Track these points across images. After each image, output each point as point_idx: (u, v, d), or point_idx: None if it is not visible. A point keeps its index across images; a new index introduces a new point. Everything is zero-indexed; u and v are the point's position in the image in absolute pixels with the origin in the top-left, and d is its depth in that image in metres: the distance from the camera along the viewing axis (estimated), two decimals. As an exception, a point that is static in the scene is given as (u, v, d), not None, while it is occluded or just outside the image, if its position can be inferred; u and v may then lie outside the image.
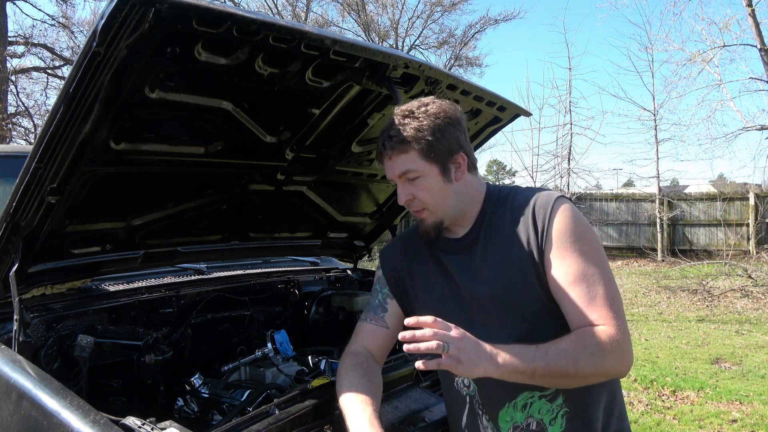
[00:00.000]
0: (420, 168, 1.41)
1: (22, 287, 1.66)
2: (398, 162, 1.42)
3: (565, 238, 1.37)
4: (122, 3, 1.11)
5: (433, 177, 1.43)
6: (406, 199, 1.45)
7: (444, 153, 1.42)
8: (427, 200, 1.44)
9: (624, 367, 1.33)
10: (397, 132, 1.41)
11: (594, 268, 1.35)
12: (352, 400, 1.37)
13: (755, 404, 4.64)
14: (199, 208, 2.00)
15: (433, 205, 1.45)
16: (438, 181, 1.43)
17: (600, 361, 1.28)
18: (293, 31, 1.37)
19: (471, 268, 1.46)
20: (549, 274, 1.37)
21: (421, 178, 1.42)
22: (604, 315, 1.32)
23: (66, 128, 1.34)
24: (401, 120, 1.41)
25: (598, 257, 1.38)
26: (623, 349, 1.31)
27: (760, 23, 12.35)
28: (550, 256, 1.37)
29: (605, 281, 1.35)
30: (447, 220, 1.48)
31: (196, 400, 1.90)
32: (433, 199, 1.44)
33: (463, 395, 1.50)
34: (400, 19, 23.15)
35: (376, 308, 1.62)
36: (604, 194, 19.28)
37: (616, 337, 1.29)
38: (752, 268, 11.00)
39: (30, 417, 1.28)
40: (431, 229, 1.48)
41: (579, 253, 1.35)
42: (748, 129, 13.47)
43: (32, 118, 17.01)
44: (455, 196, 1.46)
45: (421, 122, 1.40)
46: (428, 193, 1.43)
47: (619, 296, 1.38)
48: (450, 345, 1.17)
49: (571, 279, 1.34)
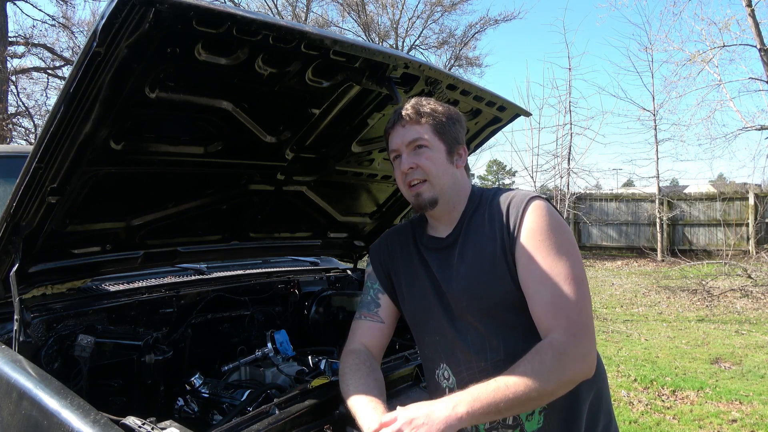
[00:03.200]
0: (431, 140, 1.49)
1: (22, 287, 1.66)
2: (411, 130, 1.49)
3: (534, 236, 1.38)
4: (122, 3, 1.11)
5: (440, 152, 1.50)
6: (408, 167, 1.49)
7: (452, 138, 1.52)
8: (430, 169, 1.48)
9: (587, 369, 1.33)
10: (415, 107, 1.50)
11: (561, 267, 1.35)
12: (362, 401, 1.38)
13: (755, 404, 4.64)
14: (199, 208, 2.00)
15: (434, 176, 1.48)
16: (443, 156, 1.50)
17: (560, 374, 1.28)
18: (293, 31, 1.37)
19: (450, 266, 1.49)
20: (519, 270, 1.39)
21: (429, 149, 1.49)
22: (563, 319, 1.32)
23: (66, 128, 1.34)
24: (418, 101, 1.52)
25: (568, 255, 1.37)
26: (582, 353, 1.31)
27: (760, 23, 12.36)
28: (519, 252, 1.39)
29: (571, 280, 1.34)
30: (442, 200, 1.50)
31: (196, 400, 1.90)
32: (436, 169, 1.48)
33: (443, 387, 1.52)
34: (400, 19, 23.20)
35: (369, 304, 1.64)
36: (604, 194, 19.30)
37: (571, 344, 1.29)
38: (752, 268, 11.01)
39: (30, 417, 1.28)
40: (427, 204, 1.50)
41: (548, 250, 1.36)
42: (748, 129, 13.48)
43: (32, 118, 17.05)
44: (453, 179, 1.52)
45: (435, 107, 1.51)
46: (432, 163, 1.48)
47: (586, 296, 1.37)
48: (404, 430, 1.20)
49: (536, 277, 1.36)
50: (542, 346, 1.31)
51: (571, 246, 1.40)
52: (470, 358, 1.44)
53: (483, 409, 1.23)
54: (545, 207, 1.42)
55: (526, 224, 1.40)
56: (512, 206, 1.44)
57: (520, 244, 1.39)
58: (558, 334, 1.31)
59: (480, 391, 1.25)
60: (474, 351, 1.43)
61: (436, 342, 1.52)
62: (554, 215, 1.42)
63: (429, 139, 1.48)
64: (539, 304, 1.35)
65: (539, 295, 1.35)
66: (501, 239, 1.42)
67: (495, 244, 1.42)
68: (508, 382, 1.25)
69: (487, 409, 1.23)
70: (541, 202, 1.43)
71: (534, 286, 1.36)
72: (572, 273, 1.35)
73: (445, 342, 1.49)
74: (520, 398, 1.24)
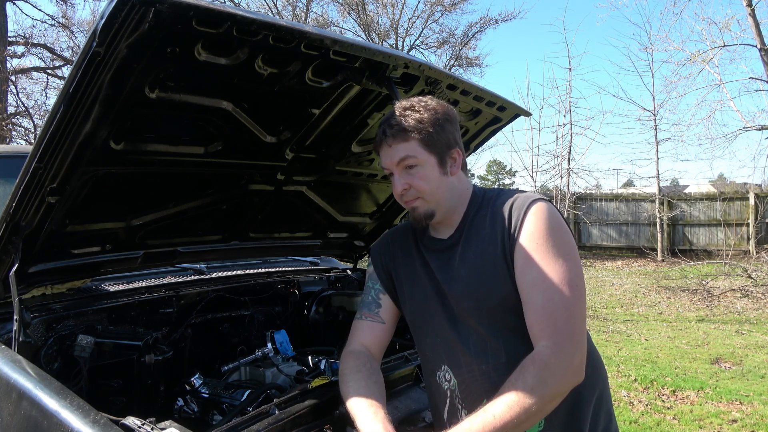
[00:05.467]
0: (419, 156, 1.44)
1: (22, 287, 1.66)
2: (398, 149, 1.44)
3: (532, 238, 1.37)
4: (122, 3, 1.11)
5: (431, 167, 1.45)
6: (402, 188, 1.46)
7: (442, 145, 1.46)
8: (424, 189, 1.45)
9: (571, 379, 1.31)
10: (399, 122, 1.44)
11: (557, 271, 1.34)
12: (362, 404, 1.37)
13: (755, 404, 4.64)
14: (199, 208, 2.00)
15: (429, 195, 1.46)
16: (435, 171, 1.46)
17: (542, 390, 1.26)
18: (293, 31, 1.37)
19: (451, 267, 1.48)
20: (516, 272, 1.38)
21: (419, 167, 1.44)
22: (550, 326, 1.31)
23: (66, 128, 1.34)
24: (402, 112, 1.45)
25: (565, 258, 1.36)
26: (564, 365, 1.29)
27: (760, 23, 12.35)
28: (518, 254, 1.38)
29: (565, 284, 1.33)
30: (439, 212, 1.49)
31: (196, 400, 1.89)
32: (429, 188, 1.46)
33: (444, 389, 1.51)
34: (400, 19, 23.20)
35: (370, 304, 1.64)
36: (604, 194, 19.29)
37: (552, 357, 1.28)
38: (752, 268, 11.00)
39: (30, 417, 1.28)
40: (423, 218, 1.49)
41: (545, 253, 1.35)
42: (748, 129, 13.47)
43: (32, 118, 17.03)
44: (449, 189, 1.49)
45: (421, 115, 1.44)
46: (425, 182, 1.45)
47: (579, 300, 1.35)
48: None
49: (530, 282, 1.35)
50: (525, 362, 1.30)
51: (570, 249, 1.39)
52: (471, 361, 1.43)
53: None
54: (546, 209, 1.41)
55: (526, 226, 1.39)
56: (514, 208, 1.43)
57: (519, 246, 1.38)
58: (541, 346, 1.30)
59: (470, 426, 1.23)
60: (474, 354, 1.42)
61: (437, 343, 1.51)
62: (555, 218, 1.41)
63: (418, 156, 1.43)
64: (531, 310, 1.35)
65: (531, 299, 1.35)
66: (502, 241, 1.41)
67: (496, 245, 1.42)
68: (495, 411, 1.24)
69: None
70: (543, 205, 1.42)
71: (528, 289, 1.35)
72: (567, 277, 1.34)
73: (446, 344, 1.48)
74: (511, 423, 1.23)
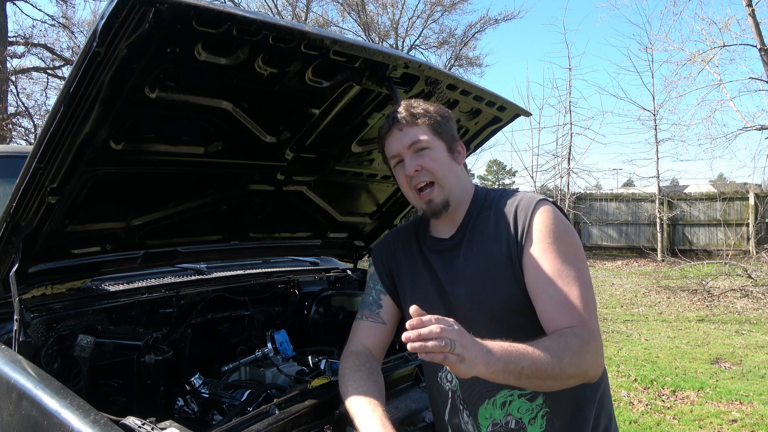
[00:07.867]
0: (430, 140, 1.47)
1: (22, 287, 1.66)
2: (409, 133, 1.47)
3: (543, 238, 1.38)
4: (122, 3, 1.11)
5: (441, 151, 1.49)
6: (414, 170, 1.46)
7: (449, 135, 1.51)
8: (436, 170, 1.46)
9: (598, 369, 1.33)
10: (407, 110, 1.48)
11: (570, 270, 1.35)
12: (361, 403, 1.37)
13: (755, 404, 4.64)
14: (199, 208, 2.00)
15: (441, 177, 1.47)
16: (445, 155, 1.49)
17: (581, 360, 1.27)
18: (293, 31, 1.37)
19: (454, 268, 1.48)
20: (526, 273, 1.38)
21: (430, 149, 1.47)
22: (579, 317, 1.32)
23: (66, 128, 1.34)
24: (409, 103, 1.50)
25: (576, 259, 1.38)
26: (598, 351, 1.32)
27: (760, 23, 12.36)
28: (527, 255, 1.38)
29: (581, 283, 1.35)
30: (452, 199, 1.49)
31: (196, 400, 1.89)
32: (441, 169, 1.47)
33: (446, 390, 1.51)
34: (400, 19, 23.20)
35: (371, 305, 1.64)
36: (604, 194, 19.30)
37: (592, 339, 1.30)
38: (752, 268, 11.00)
39: (30, 417, 1.28)
40: (441, 208, 1.48)
41: (556, 253, 1.36)
42: (748, 129, 13.47)
43: (32, 118, 17.02)
44: (458, 176, 1.51)
45: (427, 107, 1.50)
46: (437, 163, 1.47)
47: (594, 300, 1.38)
48: (455, 343, 1.11)
49: (546, 278, 1.35)
50: (565, 331, 1.29)
51: (579, 251, 1.41)
52: None
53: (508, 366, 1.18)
54: (553, 211, 1.42)
55: (535, 228, 1.39)
56: (520, 210, 1.43)
57: (528, 248, 1.38)
58: (578, 328, 1.30)
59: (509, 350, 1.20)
60: None
61: None
62: (562, 220, 1.42)
63: (429, 140, 1.46)
64: (550, 304, 1.34)
65: (549, 295, 1.34)
66: (507, 243, 1.41)
67: (501, 247, 1.42)
68: (535, 349, 1.22)
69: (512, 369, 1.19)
70: (549, 206, 1.43)
71: (543, 286, 1.35)
72: (581, 277, 1.36)
73: None
74: (540, 370, 1.20)
